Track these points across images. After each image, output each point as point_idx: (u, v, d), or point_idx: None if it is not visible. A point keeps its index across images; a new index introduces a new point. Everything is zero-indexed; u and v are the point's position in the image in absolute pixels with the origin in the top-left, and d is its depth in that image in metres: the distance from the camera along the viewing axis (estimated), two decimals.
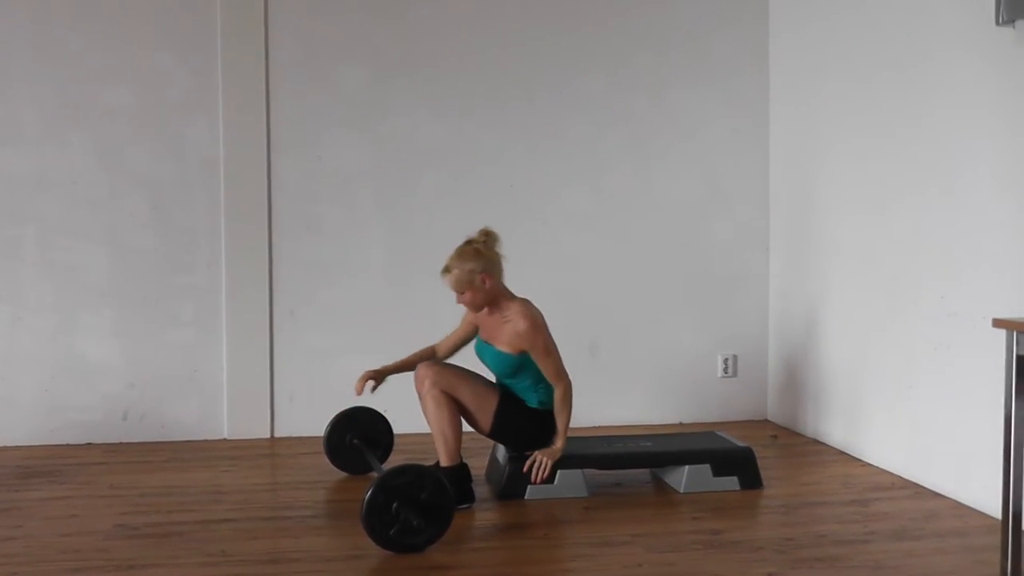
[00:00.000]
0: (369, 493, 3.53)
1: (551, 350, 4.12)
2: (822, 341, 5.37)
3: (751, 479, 4.41)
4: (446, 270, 4.16)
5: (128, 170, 5.41)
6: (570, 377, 4.16)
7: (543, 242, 5.70)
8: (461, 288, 4.14)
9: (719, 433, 4.79)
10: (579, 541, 3.76)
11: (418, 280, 5.58)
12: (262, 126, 5.45)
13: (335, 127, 5.56)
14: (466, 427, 4.27)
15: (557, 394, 4.13)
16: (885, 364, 4.78)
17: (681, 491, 4.35)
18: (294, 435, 5.52)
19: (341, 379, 5.44)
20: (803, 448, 5.25)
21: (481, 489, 4.41)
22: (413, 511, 3.55)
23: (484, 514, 4.09)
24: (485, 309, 4.23)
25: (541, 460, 4.20)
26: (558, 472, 4.26)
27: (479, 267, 4.11)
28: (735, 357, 5.94)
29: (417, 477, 3.60)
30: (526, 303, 4.19)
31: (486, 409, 4.18)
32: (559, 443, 4.16)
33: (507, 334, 4.13)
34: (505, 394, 4.21)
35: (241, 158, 5.45)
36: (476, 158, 5.68)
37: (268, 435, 5.51)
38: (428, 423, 4.18)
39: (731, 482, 4.38)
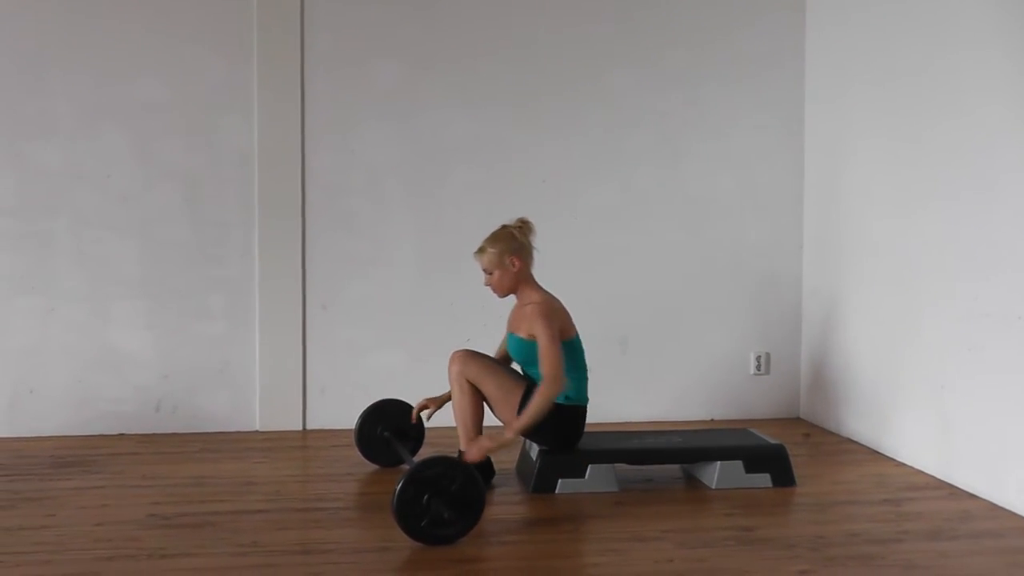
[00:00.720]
0: (400, 485, 3.55)
1: (552, 344, 4.06)
2: (854, 340, 5.34)
3: (784, 476, 4.40)
4: (480, 250, 4.25)
5: (162, 162, 5.44)
6: (562, 385, 4.08)
7: (573, 237, 5.68)
8: (491, 267, 4.20)
9: (751, 430, 4.77)
10: (609, 536, 3.75)
11: (448, 274, 5.62)
12: (296, 118, 5.46)
13: (368, 120, 5.56)
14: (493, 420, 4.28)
15: (541, 388, 4.04)
16: (918, 363, 4.74)
17: (713, 487, 4.34)
18: (325, 427, 5.52)
19: (372, 372, 5.57)
20: (835, 447, 5.23)
21: (512, 483, 4.42)
22: (444, 503, 3.56)
23: (514, 508, 4.10)
24: (516, 301, 4.24)
25: (480, 444, 4.11)
26: (589, 467, 4.25)
27: (510, 248, 4.19)
28: (767, 355, 5.91)
29: (448, 469, 3.61)
30: (549, 295, 4.22)
31: (511, 402, 4.20)
32: (508, 434, 4.03)
33: (525, 319, 4.18)
34: (531, 388, 4.21)
35: (275, 150, 5.45)
36: (507, 152, 5.67)
37: (300, 427, 5.51)
38: (452, 408, 4.27)
39: (763, 479, 4.37)
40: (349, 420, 4.99)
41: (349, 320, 5.58)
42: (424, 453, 4.71)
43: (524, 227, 4.25)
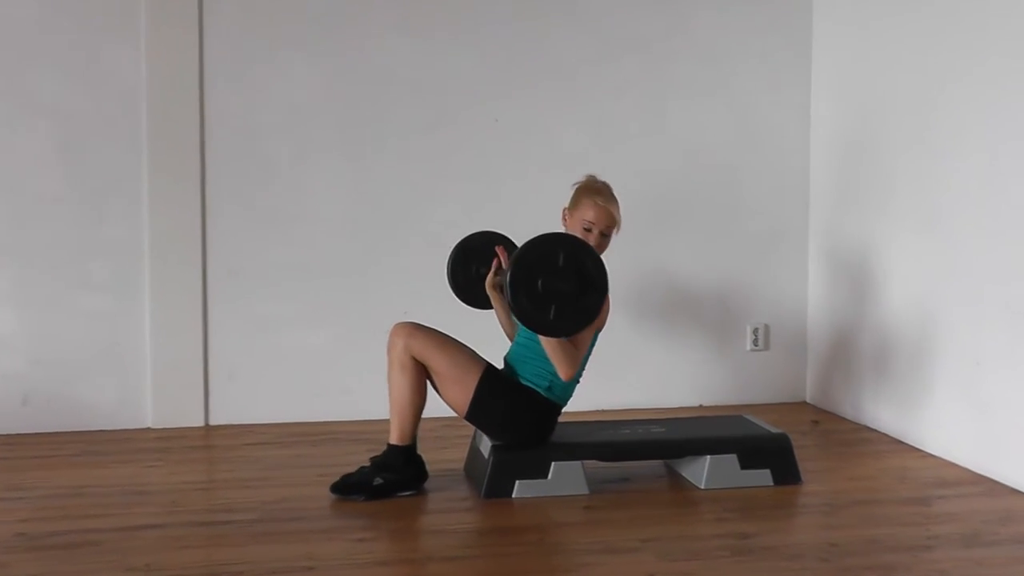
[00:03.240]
0: (508, 277, 3.89)
1: (587, 334, 4.22)
2: (873, 309, 5.36)
3: (787, 472, 4.42)
4: (611, 200, 4.34)
5: (29, 100, 5.34)
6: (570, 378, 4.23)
7: (536, 189, 5.69)
8: (614, 229, 4.34)
9: (748, 417, 4.81)
10: (578, 548, 3.75)
11: (385, 234, 5.63)
12: (194, 45, 5.40)
13: (287, 48, 5.51)
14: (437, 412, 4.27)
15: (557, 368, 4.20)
16: (949, 334, 4.76)
17: (702, 487, 4.35)
18: (234, 422, 5.52)
19: (291, 353, 5.60)
20: (850, 435, 5.27)
21: (458, 485, 4.41)
22: (561, 279, 3.90)
23: (462, 516, 4.08)
24: None
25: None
26: (552, 465, 4.27)
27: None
28: (767, 327, 5.95)
29: (552, 245, 3.93)
30: None
31: (466, 383, 4.22)
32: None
33: None
34: (491, 370, 4.24)
35: (168, 86, 5.41)
36: (456, 87, 5.68)
37: (202, 422, 5.51)
38: (389, 389, 4.27)
39: (763, 476, 4.39)
40: (263, 413, 5.01)
41: (263, 290, 5.57)
42: (360, 454, 4.64)
43: None
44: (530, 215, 5.59)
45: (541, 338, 4.14)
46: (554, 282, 3.93)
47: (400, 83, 5.61)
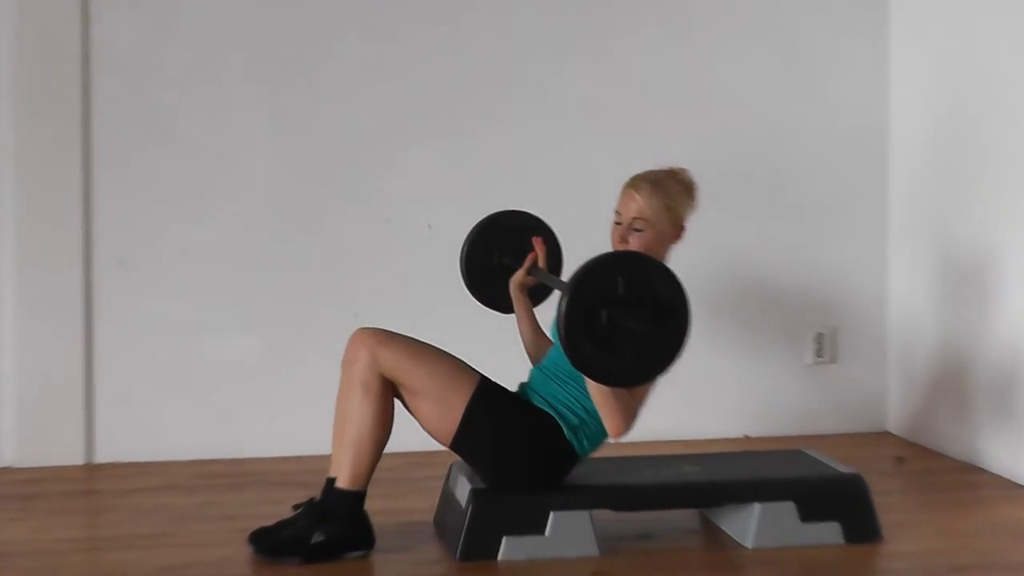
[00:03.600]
0: (563, 312, 3.81)
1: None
2: (980, 309, 5.36)
3: (862, 526, 4.39)
4: (639, 185, 4.35)
5: None
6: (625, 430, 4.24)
7: (521, 147, 5.77)
8: (650, 218, 4.31)
9: (809, 452, 4.81)
10: None
11: (325, 211, 5.68)
12: None
13: None
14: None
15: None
16: None
17: (749, 545, 4.32)
18: (125, 459, 5.55)
19: (204, 368, 5.74)
20: (948, 477, 5.29)
21: (425, 543, 4.39)
22: (628, 313, 3.83)
23: None
24: None
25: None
26: (551, 516, 4.22)
27: (686, 210, 4.38)
28: (834, 332, 5.96)
29: (610, 268, 3.88)
30: None
31: (451, 400, 4.20)
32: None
33: None
34: (488, 383, 4.25)
35: (41, 14, 5.43)
36: (414, 17, 5.72)
37: (82, 459, 5.53)
38: (340, 417, 4.25)
39: (830, 531, 4.35)
40: (162, 447, 5.13)
41: (164, 286, 5.60)
42: (296, 496, 4.56)
43: (694, 188, 4.45)
44: (521, 187, 5.62)
45: (589, 383, 4.12)
46: (622, 318, 3.86)
47: (344, 13, 5.65)
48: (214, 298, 5.61)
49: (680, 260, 4.94)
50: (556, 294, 4.62)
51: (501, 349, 4.90)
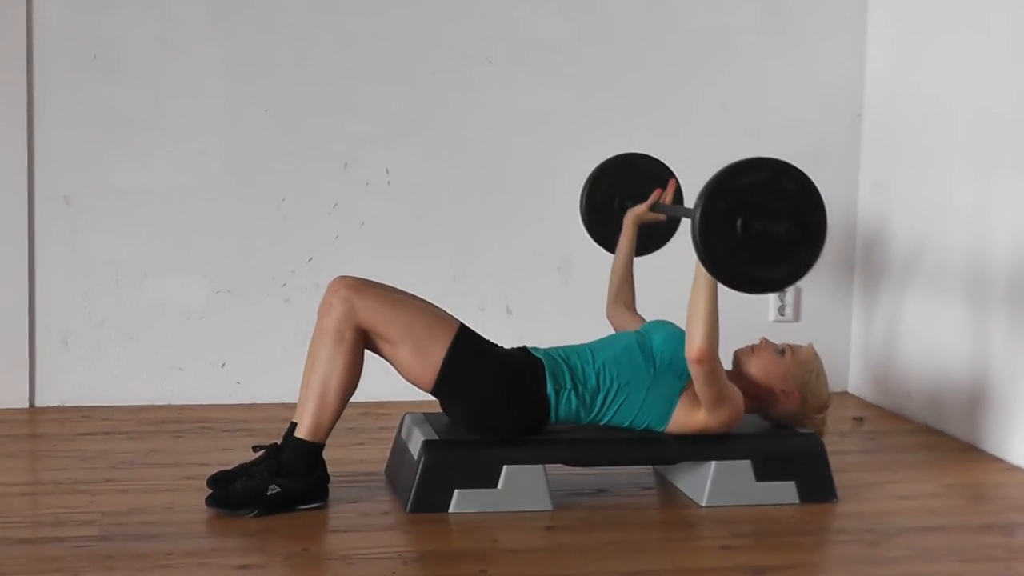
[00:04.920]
0: (700, 208, 3.88)
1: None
2: (944, 264, 5.39)
3: (817, 486, 4.42)
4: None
5: None
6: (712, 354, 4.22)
7: (485, 97, 5.76)
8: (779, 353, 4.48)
9: None
10: None
11: (284, 148, 5.66)
12: None
13: None
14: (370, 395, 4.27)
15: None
16: None
17: (703, 503, 4.36)
18: (69, 403, 5.57)
19: (150, 313, 5.71)
20: (906, 439, 5.34)
21: (377, 495, 4.41)
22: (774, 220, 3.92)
23: (382, 537, 4.05)
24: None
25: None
26: (504, 469, 4.26)
27: (797, 384, 4.46)
28: (798, 291, 6.04)
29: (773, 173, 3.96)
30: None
31: (431, 349, 4.22)
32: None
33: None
34: (465, 331, 4.28)
35: None
36: None
37: (25, 403, 5.53)
38: (310, 364, 4.24)
39: (785, 490, 4.39)
40: (107, 391, 5.12)
41: (111, 225, 5.58)
42: (238, 450, 4.59)
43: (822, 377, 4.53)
44: (478, 132, 5.60)
45: (697, 291, 4.14)
46: (764, 223, 3.93)
47: None
48: (162, 239, 5.57)
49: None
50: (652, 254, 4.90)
51: (456, 299, 4.96)
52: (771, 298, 5.98)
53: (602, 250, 5.04)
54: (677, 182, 4.83)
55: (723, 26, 5.92)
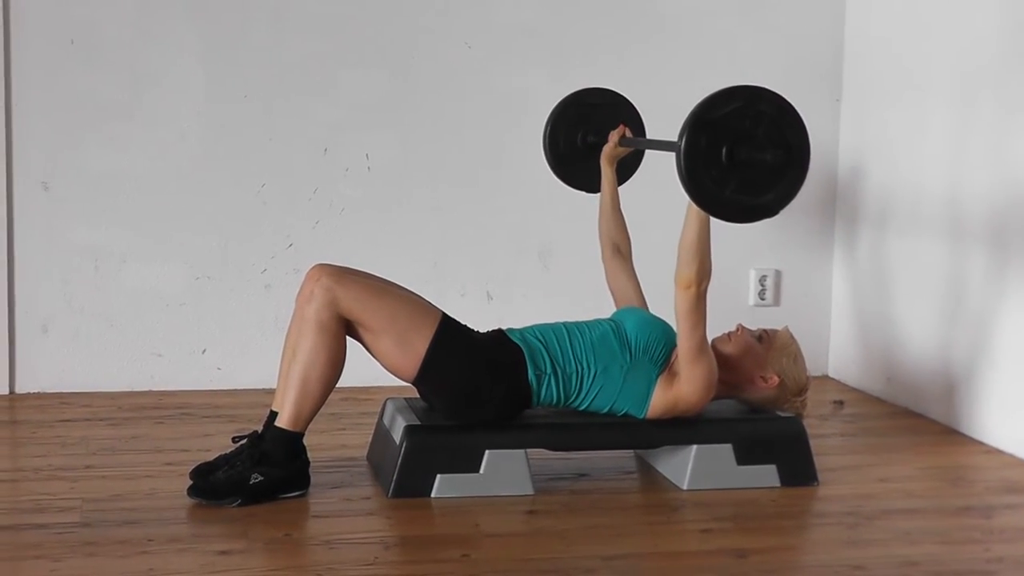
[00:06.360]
0: (684, 139, 3.87)
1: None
2: (924, 250, 5.41)
3: (798, 469, 4.45)
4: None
5: None
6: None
7: (465, 81, 5.77)
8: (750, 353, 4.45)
9: None
10: (516, 568, 3.72)
11: (263, 132, 5.65)
12: None
13: None
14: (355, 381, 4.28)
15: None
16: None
17: (685, 487, 4.38)
18: (48, 390, 5.57)
19: (130, 299, 5.63)
20: (887, 422, 5.36)
21: (359, 480, 4.42)
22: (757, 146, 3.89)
23: (364, 522, 4.06)
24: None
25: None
26: (486, 454, 4.27)
27: (776, 368, 4.47)
28: (777, 274, 6.05)
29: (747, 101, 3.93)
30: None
31: (414, 339, 4.21)
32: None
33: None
34: (448, 320, 4.28)
35: None
36: None
37: (5, 390, 5.53)
38: (289, 353, 4.25)
39: (766, 474, 4.42)
40: (87, 378, 5.10)
41: (91, 211, 5.57)
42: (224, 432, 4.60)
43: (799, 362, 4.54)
44: (464, 116, 5.64)
45: (688, 223, 4.15)
46: (749, 151, 3.92)
47: None
48: (141, 225, 5.57)
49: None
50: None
51: (437, 285, 4.99)
52: (751, 283, 5.98)
53: (582, 235, 5.07)
54: (627, 119, 4.88)
55: (701, 8, 5.91)
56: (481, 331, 4.38)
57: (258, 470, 4.13)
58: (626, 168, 4.94)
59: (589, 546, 3.87)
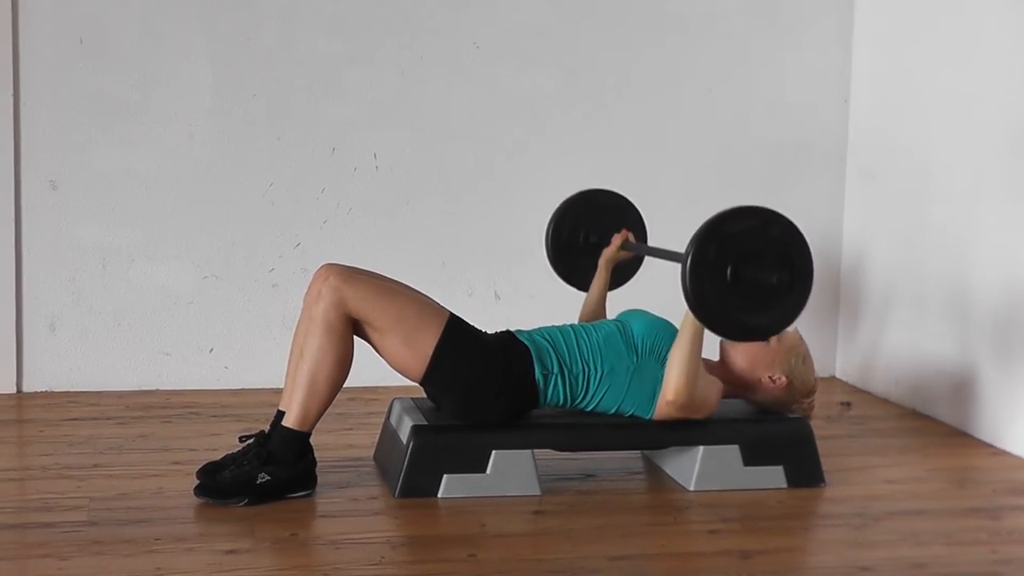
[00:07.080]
0: (693, 250, 3.92)
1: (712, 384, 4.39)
2: (928, 248, 5.41)
3: (805, 470, 4.46)
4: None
5: None
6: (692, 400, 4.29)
7: (472, 81, 5.79)
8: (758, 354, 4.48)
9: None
10: (525, 568, 3.72)
11: (272, 133, 5.68)
12: None
13: None
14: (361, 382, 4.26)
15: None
16: None
17: (691, 488, 4.39)
18: (56, 389, 5.58)
19: (138, 298, 5.62)
20: (894, 423, 5.37)
21: (366, 480, 4.43)
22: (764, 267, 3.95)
23: (370, 522, 4.07)
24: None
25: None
26: (493, 454, 4.27)
27: (784, 369, 4.50)
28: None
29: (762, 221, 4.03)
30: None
31: (422, 339, 4.20)
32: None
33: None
34: (456, 320, 4.27)
35: None
36: None
37: (12, 389, 5.54)
38: (297, 352, 4.24)
39: (773, 475, 4.43)
40: (94, 377, 5.08)
41: (97, 210, 5.59)
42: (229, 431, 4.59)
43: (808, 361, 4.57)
44: (471, 118, 5.64)
45: (683, 334, 4.21)
46: (754, 270, 3.98)
47: None
48: (149, 223, 5.59)
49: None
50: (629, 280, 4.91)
51: (444, 285, 4.99)
52: None
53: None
54: (630, 223, 4.93)
55: (710, 10, 5.90)
56: (489, 332, 4.38)
57: (265, 470, 4.13)
58: (622, 274, 4.97)
59: (596, 546, 3.87)
